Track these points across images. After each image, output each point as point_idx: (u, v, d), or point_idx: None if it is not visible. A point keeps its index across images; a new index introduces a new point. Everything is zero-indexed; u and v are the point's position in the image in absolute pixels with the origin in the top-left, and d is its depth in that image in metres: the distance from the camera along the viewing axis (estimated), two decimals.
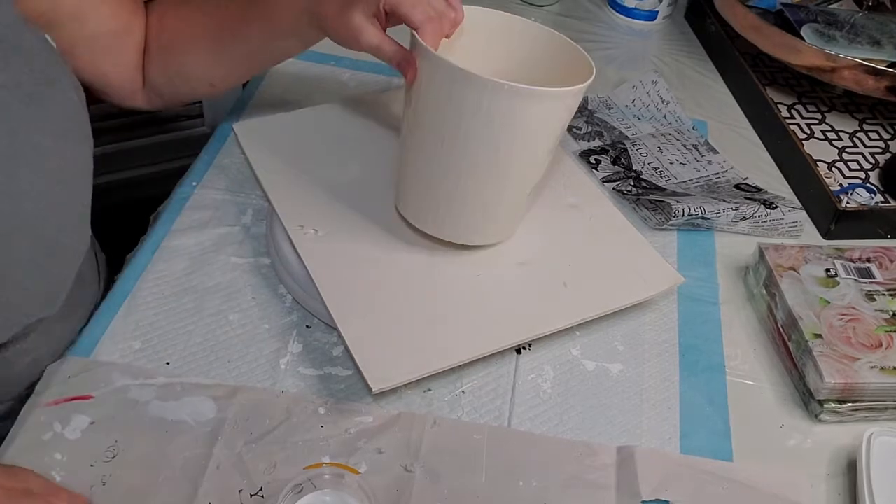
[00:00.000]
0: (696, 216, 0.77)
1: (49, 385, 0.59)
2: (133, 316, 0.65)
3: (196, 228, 0.72)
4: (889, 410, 0.64)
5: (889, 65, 0.88)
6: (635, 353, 0.68)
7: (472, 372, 0.64)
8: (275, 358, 0.63)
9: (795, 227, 0.80)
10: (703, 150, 0.89)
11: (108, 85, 0.71)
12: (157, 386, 0.60)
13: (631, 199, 0.81)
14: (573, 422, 0.62)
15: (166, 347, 0.63)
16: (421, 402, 0.62)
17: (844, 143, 0.89)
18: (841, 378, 0.62)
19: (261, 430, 0.58)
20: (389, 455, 0.58)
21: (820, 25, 0.93)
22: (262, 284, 0.68)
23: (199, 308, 0.66)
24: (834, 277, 0.70)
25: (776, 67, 0.98)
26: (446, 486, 0.57)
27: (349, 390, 0.62)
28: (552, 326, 0.64)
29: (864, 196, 0.82)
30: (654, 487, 0.58)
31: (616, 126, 0.91)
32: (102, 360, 0.61)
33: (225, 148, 0.81)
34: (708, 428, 0.63)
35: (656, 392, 0.65)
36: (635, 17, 1.12)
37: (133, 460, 0.56)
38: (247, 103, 0.87)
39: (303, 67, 0.93)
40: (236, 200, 0.76)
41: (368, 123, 0.79)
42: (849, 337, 0.65)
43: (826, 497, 0.60)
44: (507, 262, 0.68)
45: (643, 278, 0.68)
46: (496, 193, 0.63)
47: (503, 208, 0.65)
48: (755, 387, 0.67)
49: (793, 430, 0.64)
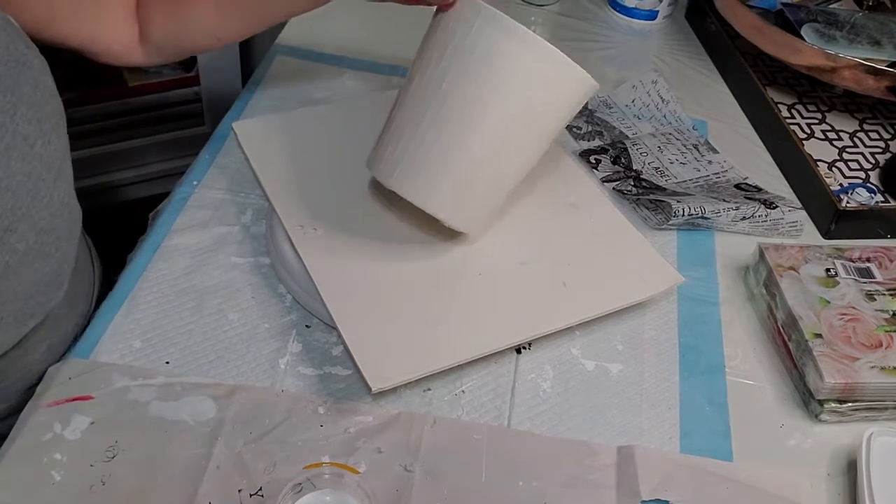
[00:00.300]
0: (696, 216, 0.77)
1: (49, 386, 0.59)
2: (133, 315, 0.65)
3: (196, 228, 0.72)
4: (889, 410, 0.64)
5: (889, 65, 0.88)
6: (635, 352, 0.68)
7: (471, 372, 0.64)
8: (274, 357, 0.63)
9: (795, 226, 0.80)
10: (703, 149, 0.89)
11: (99, 46, 0.69)
12: (156, 386, 0.60)
13: (631, 199, 0.81)
14: (573, 422, 0.62)
15: (166, 347, 0.63)
16: (420, 401, 0.62)
17: (844, 143, 0.89)
18: (841, 378, 0.62)
19: (260, 430, 0.58)
20: (389, 455, 0.58)
21: (820, 25, 0.93)
22: (261, 284, 0.68)
23: (198, 307, 0.66)
24: (834, 277, 0.70)
25: (776, 67, 0.98)
26: (446, 485, 0.57)
27: (349, 390, 0.62)
28: (552, 326, 0.64)
29: (864, 196, 0.82)
30: (654, 487, 0.58)
31: (616, 126, 0.91)
32: (102, 361, 0.61)
33: (225, 148, 0.81)
34: (708, 428, 0.63)
35: (656, 392, 0.65)
36: (635, 16, 1.11)
37: (133, 460, 0.56)
38: (247, 103, 0.87)
39: (303, 67, 0.93)
40: (236, 200, 0.76)
41: (368, 123, 0.79)
42: (849, 337, 0.65)
43: (826, 497, 0.60)
44: (508, 262, 0.68)
45: (643, 278, 0.68)
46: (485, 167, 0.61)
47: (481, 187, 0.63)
48: (755, 387, 0.67)
49: (793, 429, 0.64)
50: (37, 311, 0.56)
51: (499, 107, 0.59)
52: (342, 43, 0.96)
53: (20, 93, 0.52)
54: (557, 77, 0.59)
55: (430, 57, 0.60)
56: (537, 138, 0.62)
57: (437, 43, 0.60)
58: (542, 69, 0.58)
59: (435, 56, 0.59)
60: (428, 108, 0.60)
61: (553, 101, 0.60)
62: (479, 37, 0.57)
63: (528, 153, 0.63)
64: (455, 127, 0.60)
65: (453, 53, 0.58)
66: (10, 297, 0.53)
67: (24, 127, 0.52)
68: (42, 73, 0.56)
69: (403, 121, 0.62)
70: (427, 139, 0.60)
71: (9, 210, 0.51)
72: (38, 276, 0.55)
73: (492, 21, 0.57)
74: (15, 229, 0.52)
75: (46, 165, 0.54)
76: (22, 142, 0.52)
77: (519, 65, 0.58)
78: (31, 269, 0.54)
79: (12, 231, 0.52)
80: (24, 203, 0.52)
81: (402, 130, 0.61)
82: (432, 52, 0.60)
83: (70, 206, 0.59)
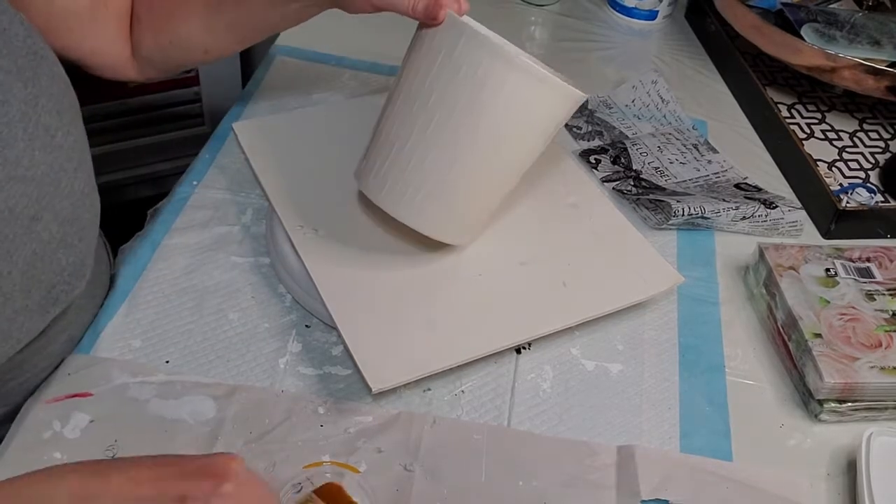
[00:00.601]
0: (696, 216, 0.77)
1: (49, 382, 0.59)
2: (133, 314, 0.65)
3: (196, 228, 0.72)
4: (889, 410, 0.64)
5: (889, 64, 0.88)
6: (635, 352, 0.68)
7: (471, 371, 0.64)
8: (274, 357, 0.63)
9: (795, 226, 0.80)
10: (702, 149, 0.89)
11: (93, 60, 0.70)
12: (156, 384, 0.60)
13: (631, 199, 0.81)
14: (573, 421, 0.62)
15: (166, 346, 0.63)
16: (420, 401, 0.62)
17: (844, 143, 0.89)
18: (841, 378, 0.62)
19: (260, 430, 0.58)
20: (389, 454, 0.58)
21: (820, 25, 0.93)
22: (261, 284, 0.68)
23: (198, 307, 0.66)
24: (834, 277, 0.70)
25: (776, 67, 0.98)
26: (446, 485, 0.57)
27: (348, 389, 0.62)
28: (552, 326, 0.64)
29: (864, 196, 0.82)
30: (654, 487, 0.58)
31: (616, 126, 0.91)
32: (102, 357, 0.61)
33: (225, 148, 0.81)
34: (708, 428, 0.63)
35: (656, 392, 0.65)
36: (635, 16, 1.11)
37: None
38: (247, 103, 0.87)
39: (303, 67, 0.93)
40: (236, 200, 0.76)
41: (368, 124, 0.79)
42: (848, 337, 0.65)
43: (826, 497, 0.60)
44: (508, 262, 0.68)
45: (643, 278, 0.68)
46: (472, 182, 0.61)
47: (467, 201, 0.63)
48: (755, 387, 0.67)
49: (793, 429, 0.64)
50: (60, 299, 0.57)
51: (486, 128, 0.58)
52: (342, 43, 0.96)
53: (40, 84, 0.53)
54: (543, 95, 0.58)
55: (416, 73, 0.59)
56: (526, 154, 0.62)
57: (423, 60, 0.59)
58: (527, 88, 0.57)
59: (421, 73, 0.59)
60: (414, 126, 0.59)
61: (540, 118, 0.60)
62: (463, 56, 0.57)
63: (518, 167, 0.63)
64: (442, 148, 0.59)
65: (439, 72, 0.58)
66: (35, 286, 0.54)
67: (45, 118, 0.53)
68: (57, 65, 0.57)
69: (390, 137, 0.61)
70: (414, 159, 0.60)
71: (34, 200, 0.52)
72: (62, 265, 0.56)
73: (475, 40, 0.56)
74: (40, 218, 0.53)
75: (67, 156, 0.55)
76: (44, 132, 0.53)
77: (505, 85, 0.57)
78: (55, 259, 0.55)
79: (38, 220, 0.53)
80: (47, 193, 0.53)
81: (390, 148, 0.61)
82: (418, 68, 0.59)
83: (91, 197, 0.60)
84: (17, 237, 0.51)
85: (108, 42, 0.70)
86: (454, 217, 0.63)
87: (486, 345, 0.61)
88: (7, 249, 0.51)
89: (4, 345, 0.53)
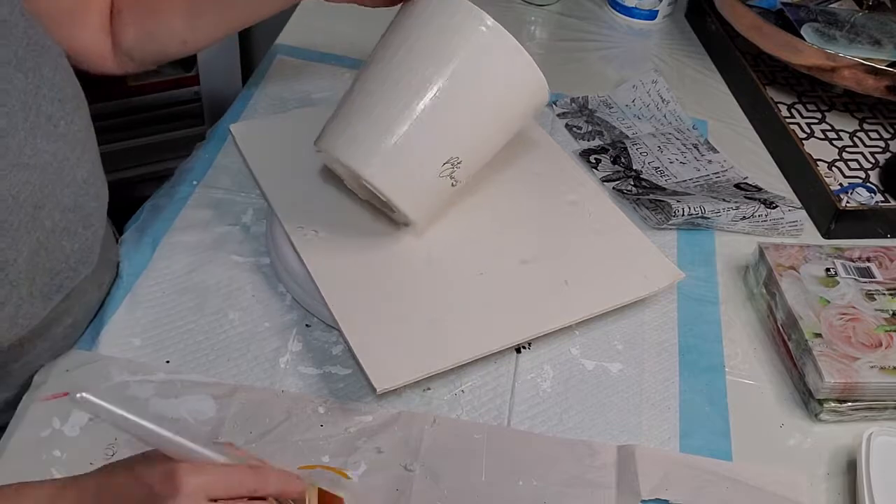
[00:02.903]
0: (696, 215, 0.77)
1: (47, 378, 0.59)
2: (133, 313, 0.65)
3: (197, 227, 0.72)
4: (889, 410, 0.64)
5: (889, 64, 0.88)
6: (635, 352, 0.68)
7: (471, 371, 0.64)
8: (274, 357, 0.63)
9: (795, 226, 0.80)
10: (702, 149, 0.89)
11: (75, 53, 0.69)
12: (156, 383, 0.60)
13: (631, 199, 0.81)
14: (573, 421, 0.62)
15: (166, 345, 0.63)
16: (420, 401, 0.62)
17: (844, 143, 0.89)
18: (841, 377, 0.62)
19: (260, 430, 0.58)
20: (389, 454, 0.58)
21: (820, 25, 0.93)
22: (262, 283, 0.68)
23: (199, 306, 0.66)
24: (834, 277, 0.70)
25: (776, 67, 0.98)
26: (446, 485, 0.57)
27: (349, 389, 0.62)
28: (555, 324, 0.64)
29: (864, 195, 0.82)
30: (654, 486, 0.58)
31: (616, 125, 0.91)
32: (101, 354, 0.61)
33: (225, 148, 0.81)
34: (708, 427, 0.63)
35: (656, 392, 0.65)
36: (635, 16, 1.12)
37: None
38: (246, 103, 0.87)
39: (303, 67, 0.93)
40: (236, 200, 0.76)
41: None
42: (849, 336, 0.65)
43: (826, 497, 0.60)
44: (509, 261, 0.68)
45: (644, 275, 0.68)
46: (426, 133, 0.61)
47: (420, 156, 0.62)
48: (755, 386, 0.67)
49: (793, 429, 0.64)
50: (64, 285, 0.58)
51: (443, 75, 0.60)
52: (342, 43, 0.96)
53: (41, 74, 0.54)
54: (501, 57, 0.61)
55: (386, 42, 0.63)
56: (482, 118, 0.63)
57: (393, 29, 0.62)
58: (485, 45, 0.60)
59: (390, 41, 0.62)
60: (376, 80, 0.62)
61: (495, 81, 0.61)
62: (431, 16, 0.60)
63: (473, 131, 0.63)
64: (397, 90, 0.61)
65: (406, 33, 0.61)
66: (39, 273, 0.55)
67: (47, 107, 0.54)
68: (60, 56, 0.58)
69: (352, 95, 0.63)
70: (368, 106, 0.62)
71: (38, 188, 0.53)
72: (66, 252, 0.57)
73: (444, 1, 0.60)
74: (43, 206, 0.54)
75: (70, 145, 0.56)
76: (46, 121, 0.54)
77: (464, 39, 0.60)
78: (59, 246, 0.56)
79: (41, 208, 0.53)
80: (50, 181, 0.54)
81: (352, 104, 0.63)
82: (388, 37, 0.63)
83: (97, 185, 0.60)
84: (21, 225, 0.52)
85: (90, 37, 0.70)
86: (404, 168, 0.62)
87: (489, 343, 0.61)
88: (12, 237, 0.51)
89: (9, 330, 0.53)
